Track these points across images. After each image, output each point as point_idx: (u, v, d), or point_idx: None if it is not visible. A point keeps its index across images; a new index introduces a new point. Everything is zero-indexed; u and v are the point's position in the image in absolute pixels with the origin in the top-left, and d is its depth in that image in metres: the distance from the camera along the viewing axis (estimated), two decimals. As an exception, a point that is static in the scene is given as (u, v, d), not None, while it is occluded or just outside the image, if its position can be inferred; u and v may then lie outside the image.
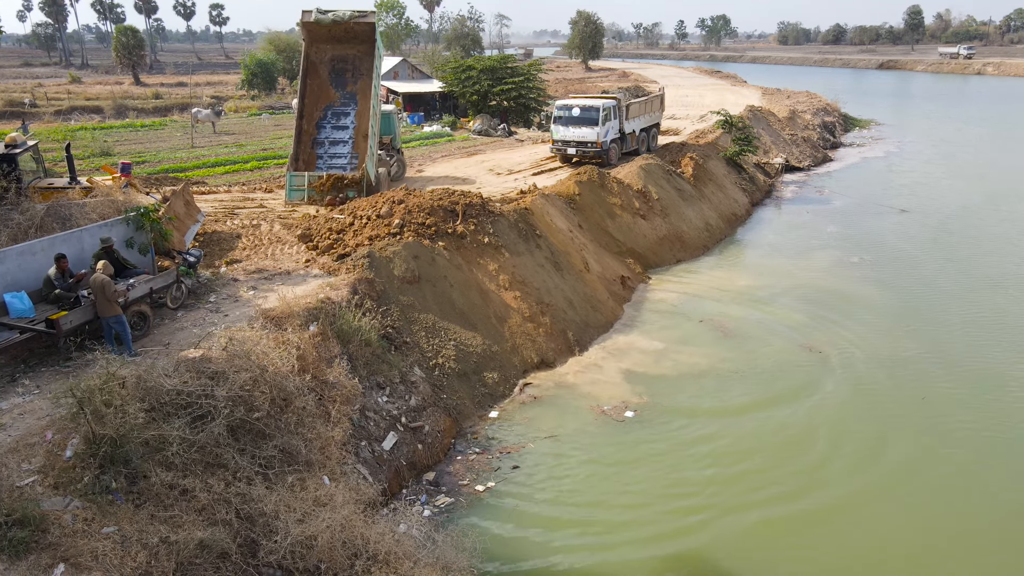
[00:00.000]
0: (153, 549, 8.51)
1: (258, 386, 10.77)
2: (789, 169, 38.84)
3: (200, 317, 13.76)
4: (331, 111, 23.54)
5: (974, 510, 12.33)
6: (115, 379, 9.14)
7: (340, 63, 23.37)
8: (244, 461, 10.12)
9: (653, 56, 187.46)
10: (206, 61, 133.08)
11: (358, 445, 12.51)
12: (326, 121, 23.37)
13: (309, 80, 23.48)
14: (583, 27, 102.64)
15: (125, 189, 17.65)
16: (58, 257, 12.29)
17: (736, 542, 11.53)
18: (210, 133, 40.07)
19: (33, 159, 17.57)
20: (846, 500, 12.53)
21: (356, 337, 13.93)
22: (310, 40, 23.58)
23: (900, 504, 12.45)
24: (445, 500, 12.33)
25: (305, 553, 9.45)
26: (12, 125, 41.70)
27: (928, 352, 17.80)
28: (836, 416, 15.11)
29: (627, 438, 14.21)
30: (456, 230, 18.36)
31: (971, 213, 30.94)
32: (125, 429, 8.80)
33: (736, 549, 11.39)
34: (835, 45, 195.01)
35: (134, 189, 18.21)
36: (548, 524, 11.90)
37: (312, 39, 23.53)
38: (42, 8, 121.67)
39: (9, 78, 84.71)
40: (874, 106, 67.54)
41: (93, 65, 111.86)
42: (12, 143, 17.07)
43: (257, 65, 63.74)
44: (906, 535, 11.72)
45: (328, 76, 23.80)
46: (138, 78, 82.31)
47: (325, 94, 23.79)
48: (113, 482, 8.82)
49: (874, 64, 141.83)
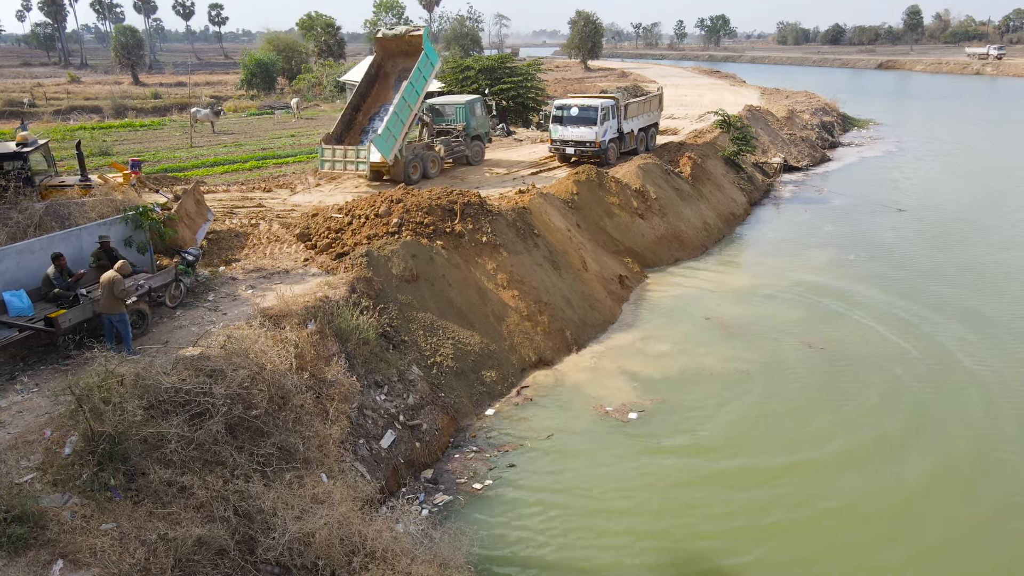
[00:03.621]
0: (151, 546, 8.56)
1: (256, 384, 10.82)
2: (788, 169, 38.88)
3: (199, 316, 13.81)
4: (384, 107, 27.24)
5: (949, 502, 12.39)
6: (114, 376, 9.19)
7: (404, 72, 27.41)
8: (242, 459, 10.18)
9: (652, 56, 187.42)
10: (205, 61, 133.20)
11: (356, 443, 12.56)
12: (378, 116, 27.25)
13: (377, 85, 28.32)
14: (582, 27, 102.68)
15: (134, 186, 17.82)
16: (56, 256, 12.34)
17: (741, 547, 11.49)
18: (209, 133, 40.11)
19: (44, 157, 17.85)
20: (856, 505, 12.44)
21: (354, 335, 13.98)
22: (384, 54, 28.68)
23: (902, 507, 12.49)
24: (443, 498, 12.37)
25: (303, 550, 9.50)
26: (11, 125, 41.74)
27: (924, 350, 17.88)
28: (847, 414, 15.10)
29: (628, 439, 14.21)
30: (454, 229, 18.41)
31: (969, 211, 31.00)
32: (123, 426, 8.85)
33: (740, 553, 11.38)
34: (834, 45, 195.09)
35: (144, 186, 18.35)
36: (545, 522, 11.94)
37: (386, 54, 28.66)
38: (41, 8, 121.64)
39: (8, 78, 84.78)
40: (873, 106, 67.57)
41: (92, 65, 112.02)
42: (23, 142, 17.29)
43: (256, 65, 63.78)
44: (905, 536, 11.78)
45: (394, 82, 28.17)
46: (137, 78, 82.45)
47: (385, 95, 27.93)
48: (112, 479, 8.87)
49: (873, 64, 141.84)
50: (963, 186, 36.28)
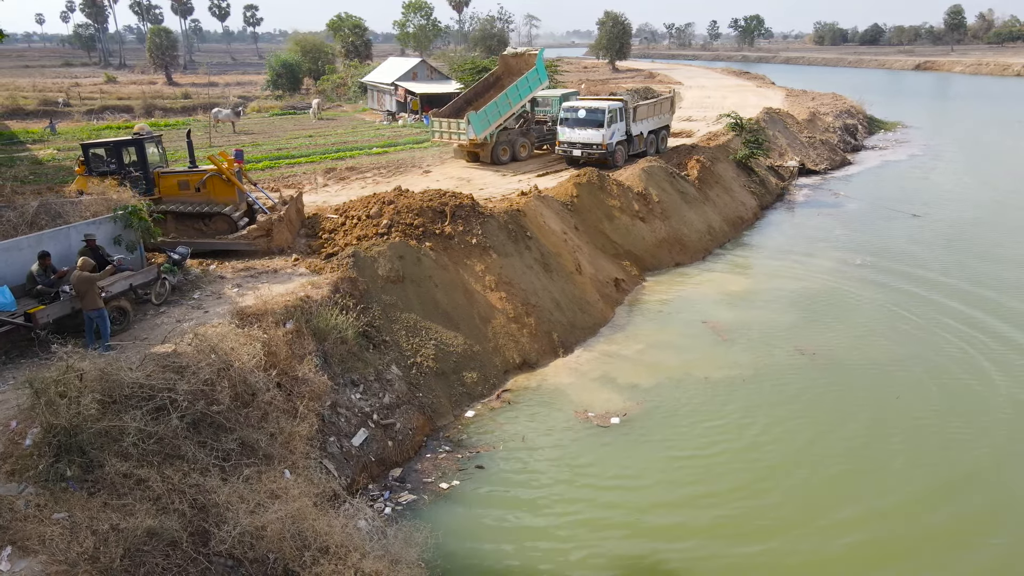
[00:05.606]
0: (102, 535, 8.84)
1: (220, 380, 11.09)
2: (805, 172, 38.36)
3: (182, 313, 14.18)
4: None
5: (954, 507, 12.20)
6: (73, 371, 9.52)
7: None
8: (202, 453, 10.45)
9: (685, 57, 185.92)
10: (240, 61, 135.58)
11: (326, 440, 12.79)
12: None
13: (492, 91, 33.01)
14: (610, 28, 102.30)
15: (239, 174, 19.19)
16: (42, 255, 12.80)
17: (711, 559, 11.42)
18: (229, 133, 40.93)
19: (157, 148, 19.54)
20: (835, 517, 12.27)
21: (332, 335, 14.22)
22: (506, 71, 34.61)
23: (891, 514, 12.33)
24: (407, 497, 12.55)
25: (254, 543, 9.72)
26: (41, 124, 43.05)
27: (916, 357, 17.57)
28: (827, 426, 14.90)
29: (606, 444, 14.21)
30: (444, 231, 18.59)
31: (987, 219, 30.28)
32: (78, 420, 9.16)
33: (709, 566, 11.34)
34: (872, 46, 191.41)
35: (245, 178, 19.82)
36: (506, 525, 12.05)
37: (506, 69, 34.78)
38: (82, 9, 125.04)
39: (49, 77, 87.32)
40: (904, 108, 66.29)
41: (130, 65, 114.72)
42: (139, 132, 19.07)
43: (282, 66, 64.78)
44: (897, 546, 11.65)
45: None
46: (170, 78, 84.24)
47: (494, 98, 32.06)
48: (68, 470, 9.19)
49: (910, 65, 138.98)
50: (986, 192, 35.43)
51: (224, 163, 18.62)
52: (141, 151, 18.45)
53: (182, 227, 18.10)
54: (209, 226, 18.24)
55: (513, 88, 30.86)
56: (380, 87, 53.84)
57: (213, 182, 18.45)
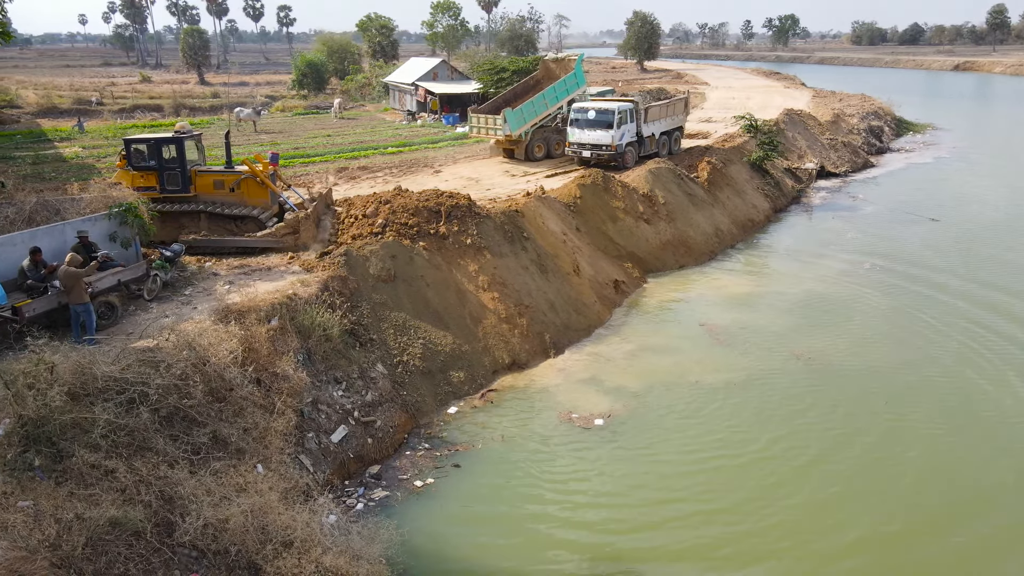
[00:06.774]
0: (66, 524, 9.11)
1: (194, 375, 11.33)
2: (824, 174, 37.76)
3: (171, 309, 14.49)
4: None
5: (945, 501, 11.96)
6: (44, 364, 9.81)
7: None
8: (172, 446, 10.69)
9: (717, 57, 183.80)
10: (272, 61, 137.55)
11: (304, 436, 12.97)
12: None
13: (532, 92, 34.29)
14: (639, 27, 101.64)
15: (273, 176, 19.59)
16: (33, 250, 13.16)
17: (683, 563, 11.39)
18: (250, 132, 41.55)
19: (196, 147, 19.87)
20: (821, 525, 12.20)
21: (316, 332, 14.42)
22: (547, 76, 36.33)
23: (875, 518, 12.16)
24: (381, 493, 12.68)
25: (217, 535, 9.94)
26: (71, 122, 44.18)
27: (914, 362, 17.23)
28: (816, 432, 14.73)
29: (587, 446, 14.19)
30: (439, 231, 18.71)
31: (1008, 224, 29.49)
32: (46, 411, 9.44)
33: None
34: (911, 45, 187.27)
35: (280, 180, 20.23)
36: (477, 523, 12.13)
37: (548, 76, 36.19)
38: (121, 11, 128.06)
39: (87, 76, 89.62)
40: (938, 109, 64.79)
41: (166, 65, 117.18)
42: (180, 131, 19.35)
43: (307, 66, 65.61)
44: (884, 547, 11.48)
45: None
46: (202, 77, 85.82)
47: None
48: (36, 460, 9.48)
49: (949, 65, 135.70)
50: (1009, 196, 34.52)
51: (259, 166, 19.26)
52: (180, 148, 18.74)
53: (213, 225, 18.80)
54: (239, 227, 18.82)
55: (551, 90, 32.60)
56: (401, 87, 54.26)
57: (247, 184, 19.02)
